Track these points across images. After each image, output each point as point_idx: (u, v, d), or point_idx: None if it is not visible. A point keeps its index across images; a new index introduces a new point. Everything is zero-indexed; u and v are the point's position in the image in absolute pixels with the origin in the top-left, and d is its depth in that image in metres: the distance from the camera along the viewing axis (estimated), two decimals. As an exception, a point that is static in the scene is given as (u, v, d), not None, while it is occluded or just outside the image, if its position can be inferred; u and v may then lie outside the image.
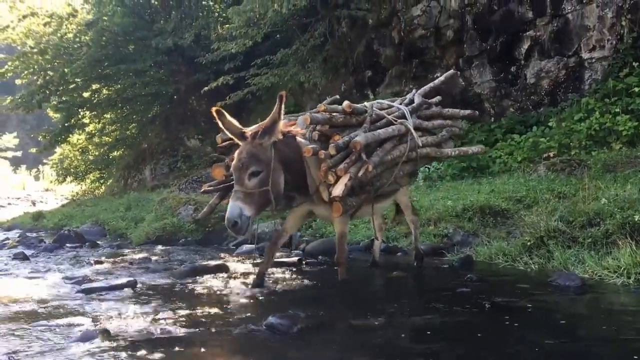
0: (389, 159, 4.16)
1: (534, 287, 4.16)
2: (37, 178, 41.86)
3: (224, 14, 17.31)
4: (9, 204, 27.89)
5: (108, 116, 20.57)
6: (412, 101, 4.94)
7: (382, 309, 3.62)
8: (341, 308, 3.75)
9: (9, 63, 18.79)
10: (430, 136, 4.80)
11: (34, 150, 25.83)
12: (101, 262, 5.84)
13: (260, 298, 4.01)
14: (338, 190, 3.66)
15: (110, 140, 21.24)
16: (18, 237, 9.60)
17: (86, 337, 2.87)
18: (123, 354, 2.67)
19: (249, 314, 3.47)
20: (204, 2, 19.24)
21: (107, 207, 13.13)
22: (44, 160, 32.35)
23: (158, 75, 18.50)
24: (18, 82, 21.18)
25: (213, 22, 17.66)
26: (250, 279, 4.64)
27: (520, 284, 4.33)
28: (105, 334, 2.93)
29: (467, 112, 5.30)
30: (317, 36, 13.44)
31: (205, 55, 15.04)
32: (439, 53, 11.86)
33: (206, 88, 14.52)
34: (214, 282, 4.62)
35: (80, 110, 19.70)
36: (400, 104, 4.89)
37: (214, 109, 3.89)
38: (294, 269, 5.24)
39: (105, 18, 18.15)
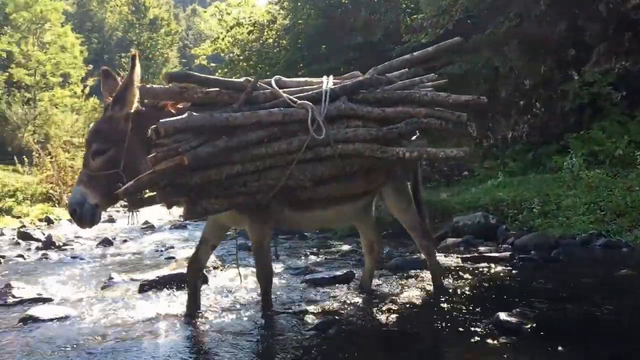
0: (262, 152, 3.13)
1: None
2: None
3: (412, 5, 17.27)
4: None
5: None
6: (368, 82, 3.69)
7: (611, 310, 3.34)
8: (565, 306, 3.51)
9: (219, 71, 21.01)
10: (365, 129, 3.41)
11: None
12: (315, 254, 6.26)
13: (475, 292, 3.96)
14: (123, 187, 2.88)
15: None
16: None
17: (322, 327, 3.09)
18: (362, 345, 2.84)
19: (470, 310, 3.44)
20: (391, -4, 19.41)
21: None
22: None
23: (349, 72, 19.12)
24: (226, 88, 23.54)
25: (401, 14, 17.72)
26: (459, 273, 4.62)
27: None
28: (337, 324, 3.14)
29: (465, 98, 3.55)
30: (512, 17, 12.76)
31: (395, 48, 15.17)
32: (658, 22, 10.49)
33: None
34: (424, 275, 4.64)
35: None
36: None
37: (103, 67, 3.51)
38: (507, 264, 5.06)
39: (300, 21, 19.29)
